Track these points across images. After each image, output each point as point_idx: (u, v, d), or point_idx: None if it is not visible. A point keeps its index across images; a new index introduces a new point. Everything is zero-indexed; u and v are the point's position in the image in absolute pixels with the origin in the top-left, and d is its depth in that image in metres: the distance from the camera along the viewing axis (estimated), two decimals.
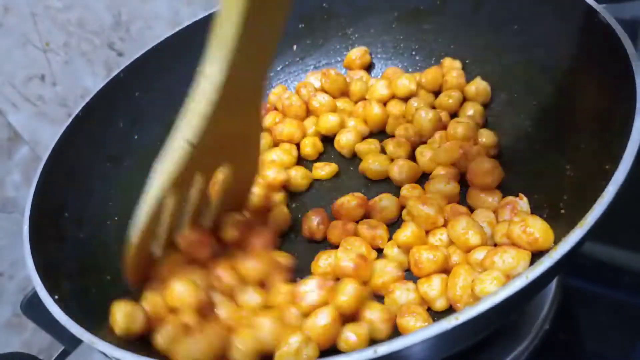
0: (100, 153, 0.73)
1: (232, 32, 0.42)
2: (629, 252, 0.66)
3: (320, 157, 0.74)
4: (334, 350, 0.49)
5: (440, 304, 0.51)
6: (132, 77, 0.78)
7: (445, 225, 0.55)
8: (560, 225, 0.48)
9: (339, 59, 0.86)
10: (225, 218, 0.57)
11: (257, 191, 0.63)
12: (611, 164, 0.42)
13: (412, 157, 0.67)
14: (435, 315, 0.51)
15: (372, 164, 0.66)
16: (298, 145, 0.74)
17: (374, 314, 0.48)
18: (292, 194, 0.69)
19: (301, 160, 0.74)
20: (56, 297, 0.49)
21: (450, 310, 0.51)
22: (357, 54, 0.81)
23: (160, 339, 0.48)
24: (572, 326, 0.61)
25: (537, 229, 0.48)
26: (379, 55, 0.84)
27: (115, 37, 0.93)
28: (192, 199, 0.53)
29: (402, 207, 0.61)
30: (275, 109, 0.81)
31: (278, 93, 0.82)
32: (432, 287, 0.50)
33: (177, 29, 0.82)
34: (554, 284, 0.63)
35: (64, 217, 0.64)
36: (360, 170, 0.68)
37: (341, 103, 0.76)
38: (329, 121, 0.72)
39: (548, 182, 0.57)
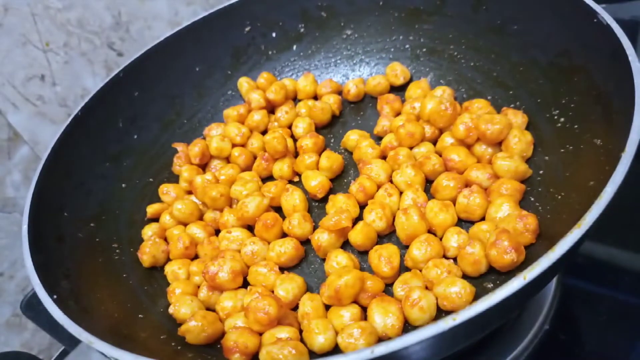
0: (99, 153, 0.73)
1: None
2: (629, 252, 0.66)
3: None
4: (334, 350, 0.50)
5: None
6: (131, 76, 0.78)
7: None
8: (559, 225, 0.48)
9: (338, 58, 0.86)
10: None
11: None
12: (610, 164, 0.42)
13: None
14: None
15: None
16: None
17: None
18: None
19: None
20: (55, 296, 0.49)
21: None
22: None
23: None
24: (572, 326, 0.60)
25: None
26: (378, 56, 0.84)
27: (115, 37, 0.93)
28: None
29: None
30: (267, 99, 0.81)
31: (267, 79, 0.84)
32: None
33: (176, 29, 0.82)
34: (553, 284, 0.63)
35: (64, 217, 0.64)
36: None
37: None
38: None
39: (547, 182, 0.57)
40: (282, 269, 0.60)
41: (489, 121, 0.60)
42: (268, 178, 0.73)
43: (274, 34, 0.87)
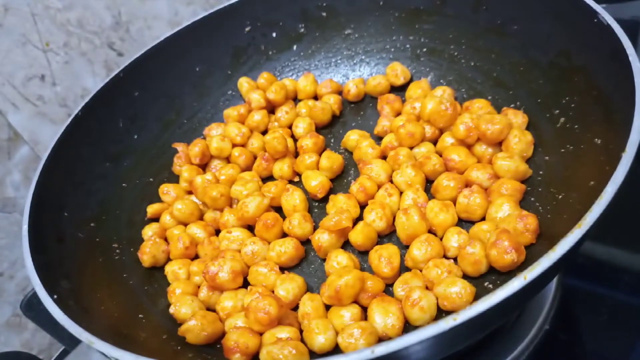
0: (99, 152, 0.73)
1: None
2: (629, 252, 0.66)
3: None
4: (334, 350, 0.50)
5: None
6: (131, 76, 0.78)
7: None
8: (560, 225, 0.48)
9: (339, 58, 0.86)
10: None
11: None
12: (610, 164, 0.42)
13: None
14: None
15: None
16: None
17: None
18: None
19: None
20: (55, 296, 0.49)
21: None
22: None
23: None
24: (572, 326, 0.61)
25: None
26: (378, 56, 0.84)
27: (115, 37, 0.93)
28: None
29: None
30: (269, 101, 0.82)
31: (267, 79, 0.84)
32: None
33: (176, 29, 0.82)
34: (553, 284, 0.63)
35: (64, 217, 0.64)
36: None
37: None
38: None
39: (547, 182, 0.57)
40: (282, 269, 0.60)
41: (489, 121, 0.60)
42: (268, 178, 0.73)
43: (274, 34, 0.87)
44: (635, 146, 0.42)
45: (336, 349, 0.49)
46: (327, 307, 0.53)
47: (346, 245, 0.60)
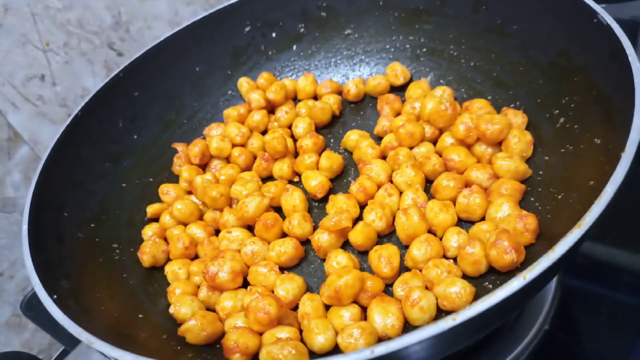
0: (99, 152, 0.73)
1: None
2: (629, 252, 0.66)
3: None
4: (334, 350, 0.50)
5: None
6: (131, 76, 0.78)
7: None
8: (559, 225, 0.48)
9: (338, 58, 0.86)
10: None
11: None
12: (610, 164, 0.42)
13: None
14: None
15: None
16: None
17: None
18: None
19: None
20: (55, 296, 0.49)
21: None
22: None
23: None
24: (572, 326, 0.61)
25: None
26: (378, 56, 0.84)
27: (115, 37, 0.93)
28: None
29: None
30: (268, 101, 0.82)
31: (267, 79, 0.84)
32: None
33: (176, 29, 0.82)
34: (553, 284, 0.63)
35: (64, 217, 0.64)
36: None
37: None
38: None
39: (547, 182, 0.57)
40: (282, 269, 0.60)
41: (489, 121, 0.60)
42: (268, 178, 0.73)
43: (274, 34, 0.87)
44: (634, 146, 0.42)
45: (336, 349, 0.49)
46: (327, 307, 0.53)
47: (346, 245, 0.60)
